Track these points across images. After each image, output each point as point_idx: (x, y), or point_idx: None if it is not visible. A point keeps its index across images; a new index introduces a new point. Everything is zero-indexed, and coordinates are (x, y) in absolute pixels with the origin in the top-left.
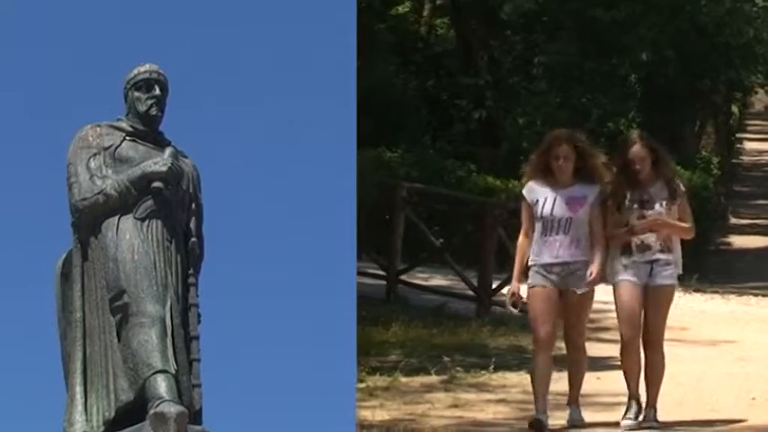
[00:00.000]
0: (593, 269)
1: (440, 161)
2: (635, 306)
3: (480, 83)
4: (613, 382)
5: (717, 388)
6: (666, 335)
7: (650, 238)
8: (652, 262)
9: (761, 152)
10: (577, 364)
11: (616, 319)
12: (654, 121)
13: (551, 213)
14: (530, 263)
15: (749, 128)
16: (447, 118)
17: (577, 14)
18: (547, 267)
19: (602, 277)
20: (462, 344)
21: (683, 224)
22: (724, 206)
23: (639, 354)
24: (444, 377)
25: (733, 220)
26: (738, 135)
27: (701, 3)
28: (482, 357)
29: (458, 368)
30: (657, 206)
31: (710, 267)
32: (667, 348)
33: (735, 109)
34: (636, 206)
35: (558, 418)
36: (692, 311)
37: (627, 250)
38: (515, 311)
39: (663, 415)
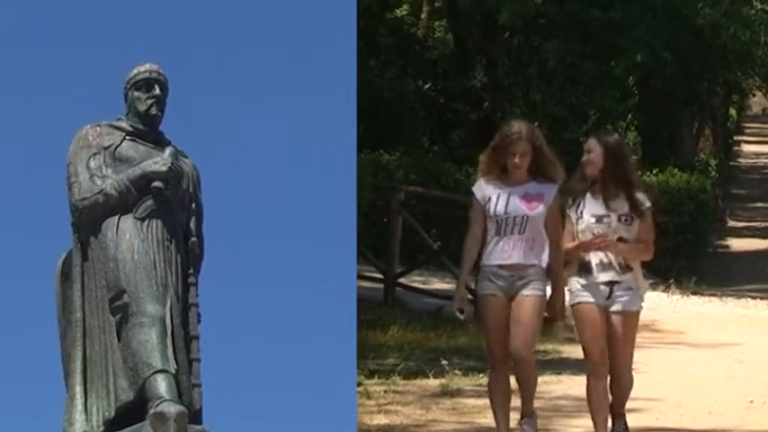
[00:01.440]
0: (553, 300)
1: (437, 164)
2: (598, 327)
3: (477, 85)
4: None
5: (715, 391)
6: (665, 338)
7: (609, 258)
8: (611, 284)
9: (758, 154)
10: (527, 382)
11: None
12: (652, 124)
13: (505, 211)
14: (481, 264)
15: (747, 130)
16: (445, 121)
17: (575, 16)
18: (497, 270)
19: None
20: (460, 347)
21: (640, 246)
22: (722, 209)
23: (606, 384)
24: (442, 380)
25: (731, 223)
26: (736, 137)
27: (697, 5)
28: (480, 360)
29: (456, 371)
30: (615, 222)
31: (708, 270)
32: (666, 351)
33: (732, 111)
34: (594, 221)
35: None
36: (689, 314)
37: (585, 269)
38: (462, 317)
39: (661, 417)
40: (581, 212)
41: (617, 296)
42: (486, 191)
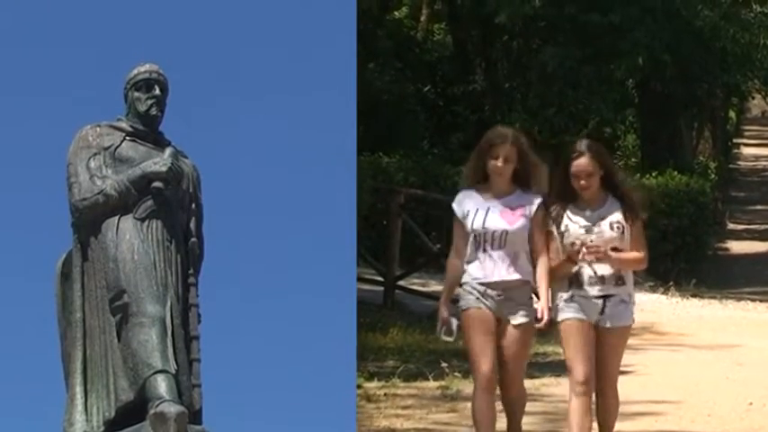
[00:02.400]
0: (542, 309)
1: (437, 166)
2: (586, 346)
3: (477, 88)
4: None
5: (714, 393)
6: (664, 340)
7: (603, 269)
8: (605, 297)
9: (758, 157)
10: (512, 416)
11: None
12: (651, 126)
13: (483, 226)
14: (462, 281)
15: (746, 133)
16: (444, 123)
17: (574, 19)
18: (482, 287)
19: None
20: (460, 349)
21: (636, 254)
22: (721, 211)
23: (591, 405)
24: (442, 382)
25: (730, 226)
26: (735, 140)
27: (696, 8)
28: None
29: (456, 374)
30: (607, 230)
31: (708, 272)
32: (665, 353)
33: (732, 114)
34: (583, 232)
35: None
36: (689, 316)
37: (576, 282)
38: (451, 339)
39: (660, 420)
40: (566, 225)
41: (611, 311)
42: (465, 205)
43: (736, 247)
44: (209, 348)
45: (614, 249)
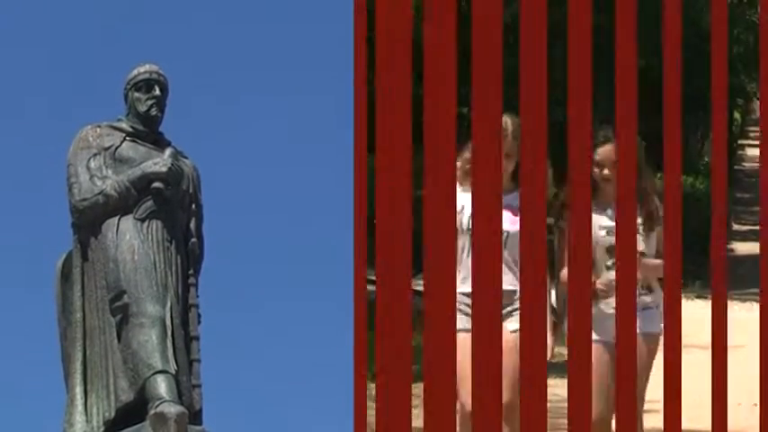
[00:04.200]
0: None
1: None
2: (604, 376)
3: None
4: None
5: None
6: None
7: None
8: None
9: None
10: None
11: None
12: (655, 127)
13: None
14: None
15: (751, 134)
16: None
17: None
18: (470, 301)
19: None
20: None
21: (662, 261)
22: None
23: None
24: None
25: (735, 227)
26: (740, 141)
27: (701, 9)
28: None
29: None
30: None
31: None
32: None
33: (737, 115)
34: (604, 234)
35: None
36: (693, 317)
37: (597, 293)
38: None
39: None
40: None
41: (638, 318)
42: (458, 199)
43: (741, 248)
44: (209, 348)
45: (639, 255)
